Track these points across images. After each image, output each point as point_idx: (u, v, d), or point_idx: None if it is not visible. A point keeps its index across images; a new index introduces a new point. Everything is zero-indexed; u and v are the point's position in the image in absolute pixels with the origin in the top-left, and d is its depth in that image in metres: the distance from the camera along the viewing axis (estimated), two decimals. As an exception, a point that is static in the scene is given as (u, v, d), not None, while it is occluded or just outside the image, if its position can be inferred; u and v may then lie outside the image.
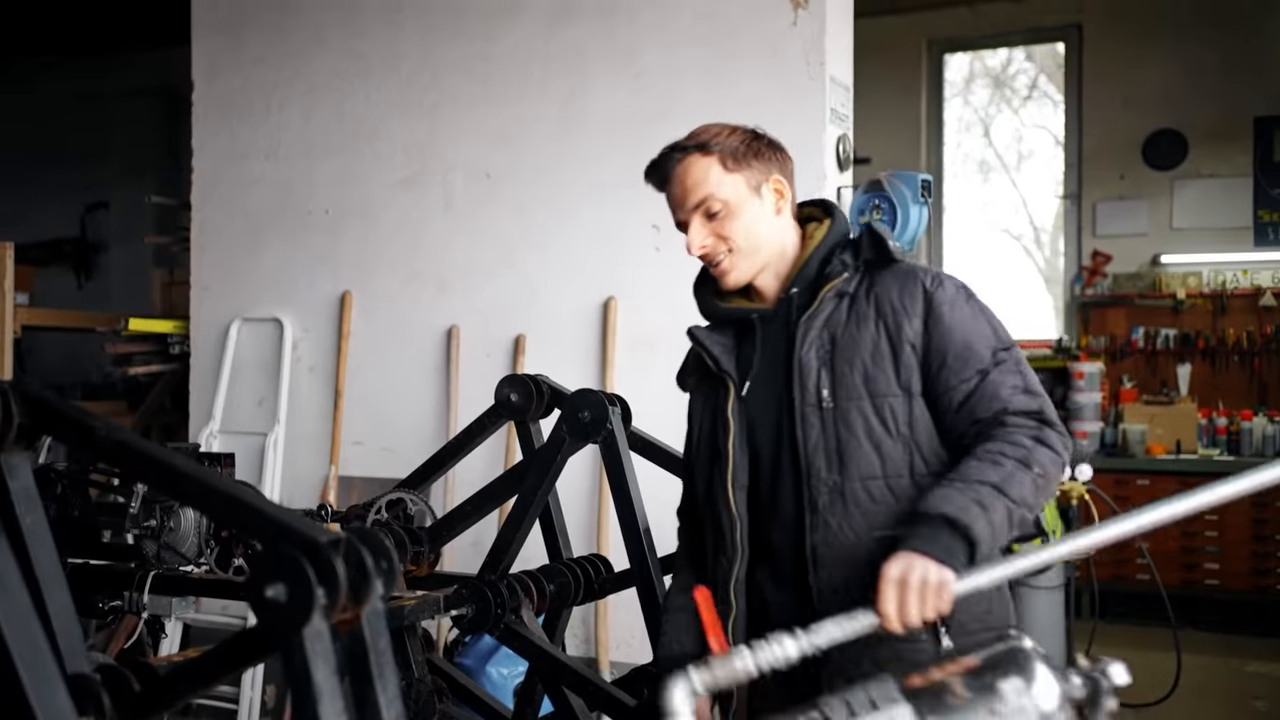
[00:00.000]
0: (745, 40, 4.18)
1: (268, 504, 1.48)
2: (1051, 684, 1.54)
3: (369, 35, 4.90)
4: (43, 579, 1.58)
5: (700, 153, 1.96)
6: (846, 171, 4.18)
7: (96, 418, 1.61)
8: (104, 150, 9.73)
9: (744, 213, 1.95)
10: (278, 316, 4.97)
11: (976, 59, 8.58)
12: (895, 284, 1.92)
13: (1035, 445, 1.80)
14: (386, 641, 1.44)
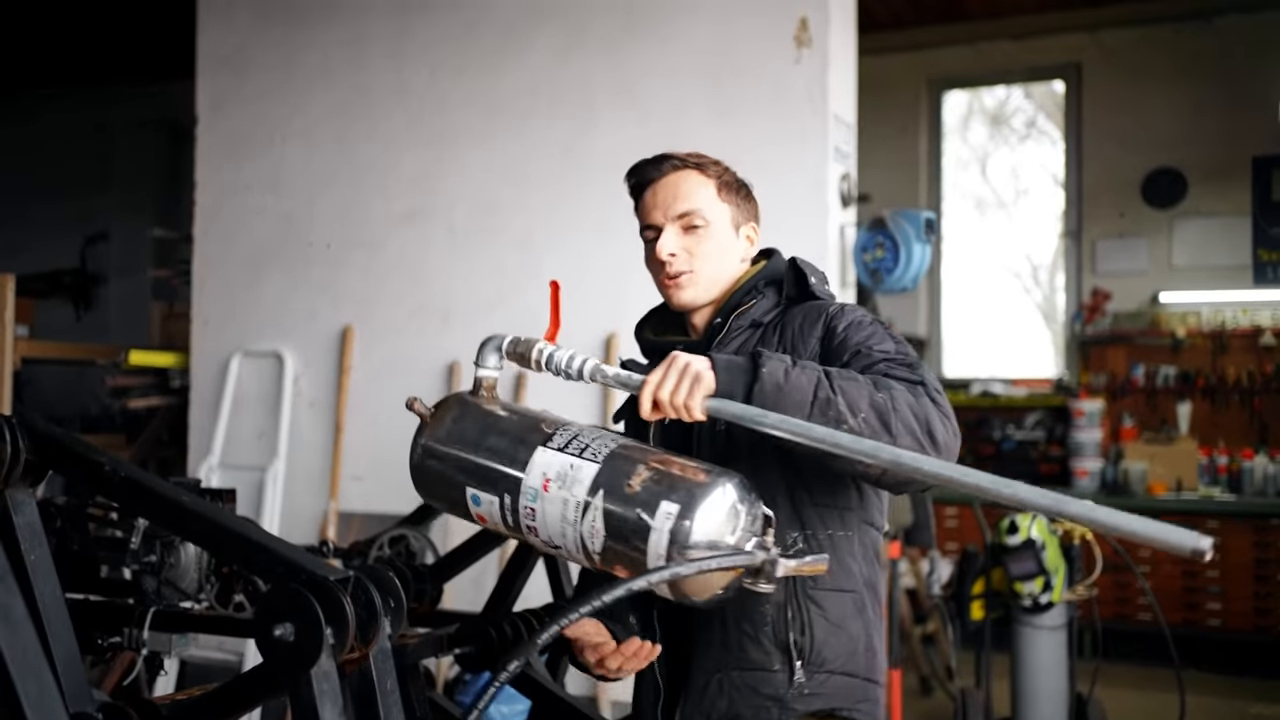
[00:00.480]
0: (749, 77, 4.21)
1: (276, 541, 1.47)
2: (707, 529, 1.55)
3: (374, 69, 4.92)
4: (46, 615, 1.57)
5: (699, 171, 1.98)
6: (849, 208, 4.19)
7: (103, 453, 1.60)
8: (105, 182, 9.76)
9: (719, 239, 1.96)
10: (278, 350, 4.96)
11: (974, 97, 8.64)
12: (801, 315, 1.92)
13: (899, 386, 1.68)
14: (394, 682, 1.43)
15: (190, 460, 5.13)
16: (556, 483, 1.64)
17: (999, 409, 7.71)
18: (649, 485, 1.59)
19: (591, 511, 1.61)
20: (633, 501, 1.58)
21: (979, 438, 7.68)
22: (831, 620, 1.81)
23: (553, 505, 1.64)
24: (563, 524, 1.64)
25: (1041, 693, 4.48)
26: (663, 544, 1.55)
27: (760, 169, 4.16)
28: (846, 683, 1.83)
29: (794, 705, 1.79)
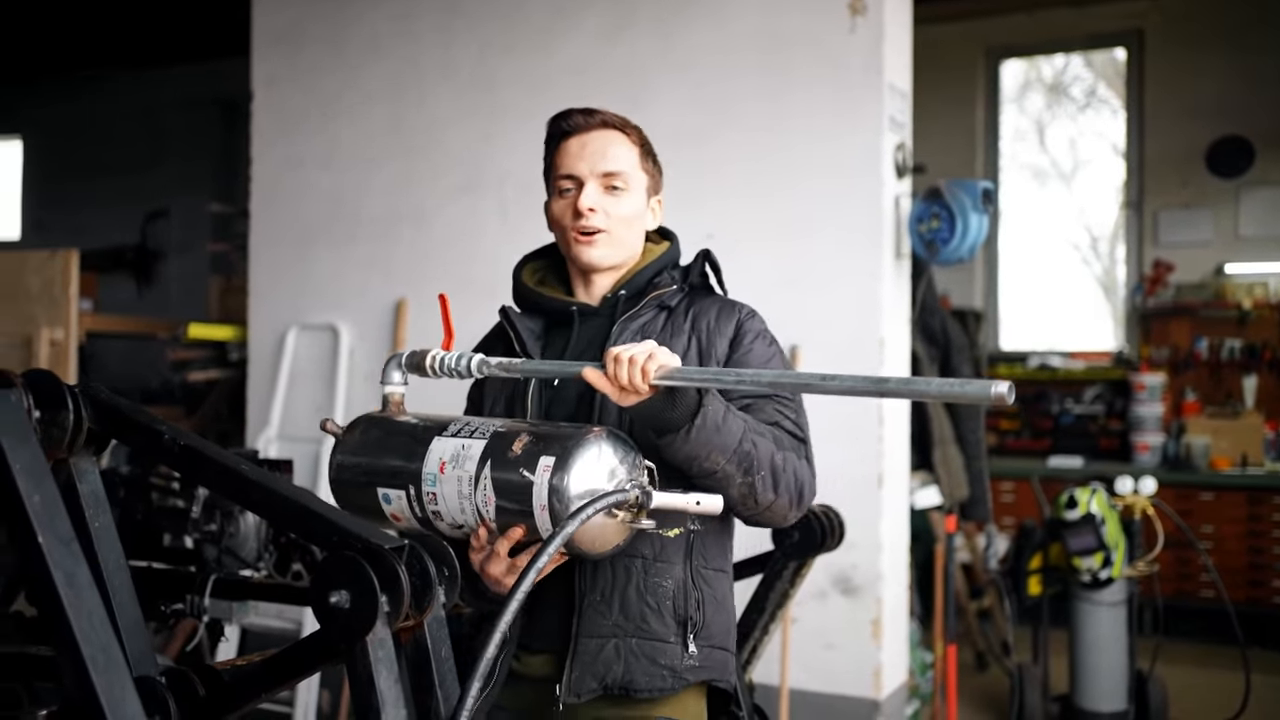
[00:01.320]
0: (802, 49, 4.16)
1: (332, 510, 1.48)
2: (583, 477, 1.67)
3: (424, 45, 4.93)
4: (110, 582, 1.59)
5: (625, 134, 2.02)
6: (904, 179, 4.14)
7: (164, 423, 1.62)
8: (164, 159, 9.89)
9: (634, 204, 2.01)
10: (334, 324, 5.01)
11: (1031, 66, 8.48)
12: (714, 307, 2.01)
13: (788, 452, 1.84)
14: (449, 650, 1.43)
15: (249, 432, 5.20)
16: (451, 464, 1.76)
17: (1057, 382, 7.61)
18: (528, 447, 1.71)
19: (483, 482, 1.72)
20: (515, 463, 1.70)
21: (1037, 412, 7.59)
22: (717, 598, 1.95)
23: (449, 485, 1.75)
24: (460, 499, 1.75)
25: (1100, 670, 4.43)
26: (543, 497, 1.67)
27: (814, 140, 4.16)
28: (724, 656, 1.97)
29: (685, 675, 1.90)
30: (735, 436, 1.75)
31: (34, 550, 1.20)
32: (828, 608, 4.06)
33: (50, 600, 1.19)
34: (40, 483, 1.24)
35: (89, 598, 1.21)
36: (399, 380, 1.96)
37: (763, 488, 1.79)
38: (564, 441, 1.70)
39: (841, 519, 2.59)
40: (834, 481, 4.00)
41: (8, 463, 1.23)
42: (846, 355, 4.04)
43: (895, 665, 4.10)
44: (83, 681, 1.17)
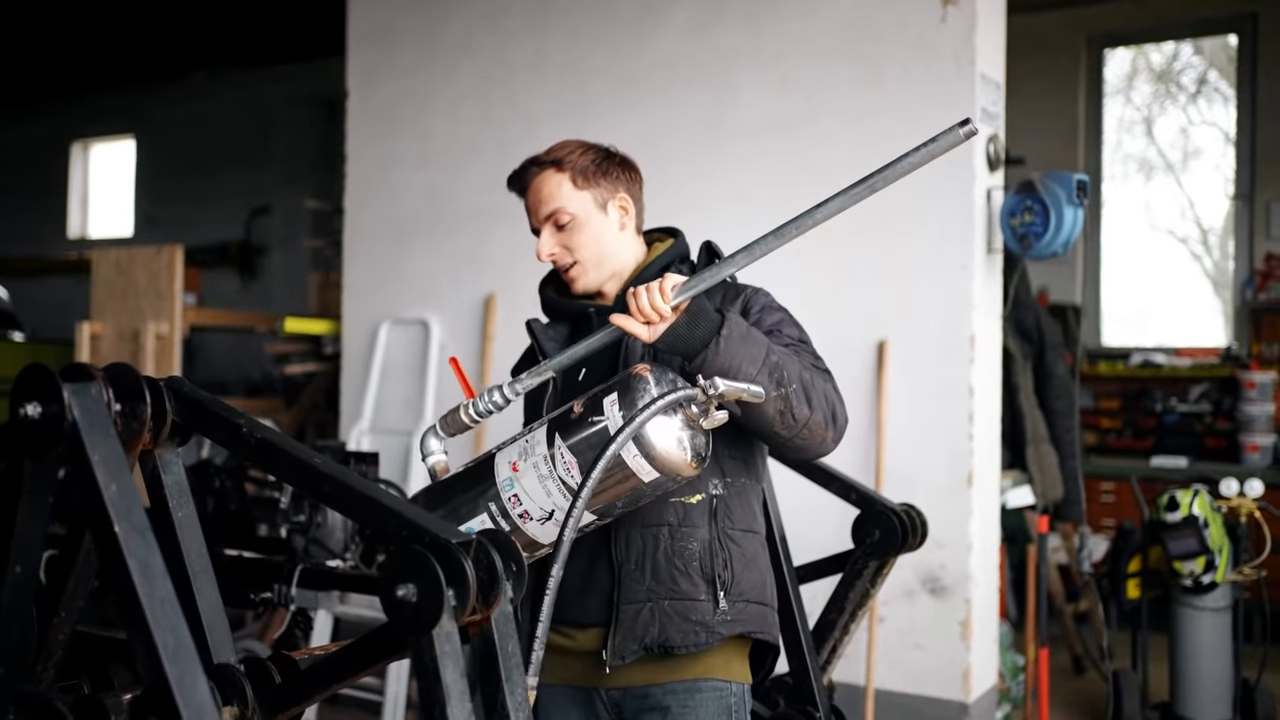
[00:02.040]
0: (893, 40, 4.10)
1: (402, 504, 1.50)
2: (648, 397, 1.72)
3: (515, 42, 4.97)
4: (192, 571, 1.63)
5: (554, 168, 2.12)
6: (997, 172, 4.05)
7: (243, 416, 1.65)
8: (268, 157, 10.14)
9: (590, 227, 2.10)
10: (425, 318, 5.08)
11: (1140, 54, 8.23)
12: (719, 293, 2.09)
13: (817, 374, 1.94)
14: (516, 645, 1.44)
15: (342, 425, 5.30)
16: (521, 459, 1.82)
17: (1161, 380, 7.38)
18: (588, 403, 1.79)
19: (558, 454, 1.78)
20: (582, 419, 1.77)
21: (1139, 410, 7.38)
22: (747, 556, 2.03)
23: (527, 477, 1.81)
24: (543, 483, 1.80)
25: (1203, 677, 4.29)
26: (618, 420, 1.74)
27: (904, 133, 4.08)
28: (760, 610, 2.05)
29: (719, 629, 1.99)
30: (762, 346, 1.85)
31: (110, 539, 1.24)
32: (915, 607, 4.00)
33: (125, 587, 1.23)
34: (117, 473, 1.27)
35: (162, 585, 1.24)
36: (438, 449, 2.04)
37: (797, 401, 1.86)
38: (618, 383, 1.79)
39: (924, 518, 2.54)
40: (922, 480, 3.96)
41: (87, 454, 1.26)
42: (936, 351, 3.98)
43: (985, 667, 4.03)
44: (154, 666, 1.20)
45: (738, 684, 2.07)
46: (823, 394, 1.91)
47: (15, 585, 1.33)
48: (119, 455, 1.29)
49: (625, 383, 1.77)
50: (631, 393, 1.75)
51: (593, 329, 2.12)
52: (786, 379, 1.85)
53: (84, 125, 11.69)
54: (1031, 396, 4.88)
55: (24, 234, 11.79)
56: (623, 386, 1.77)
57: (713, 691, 2.03)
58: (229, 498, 3.30)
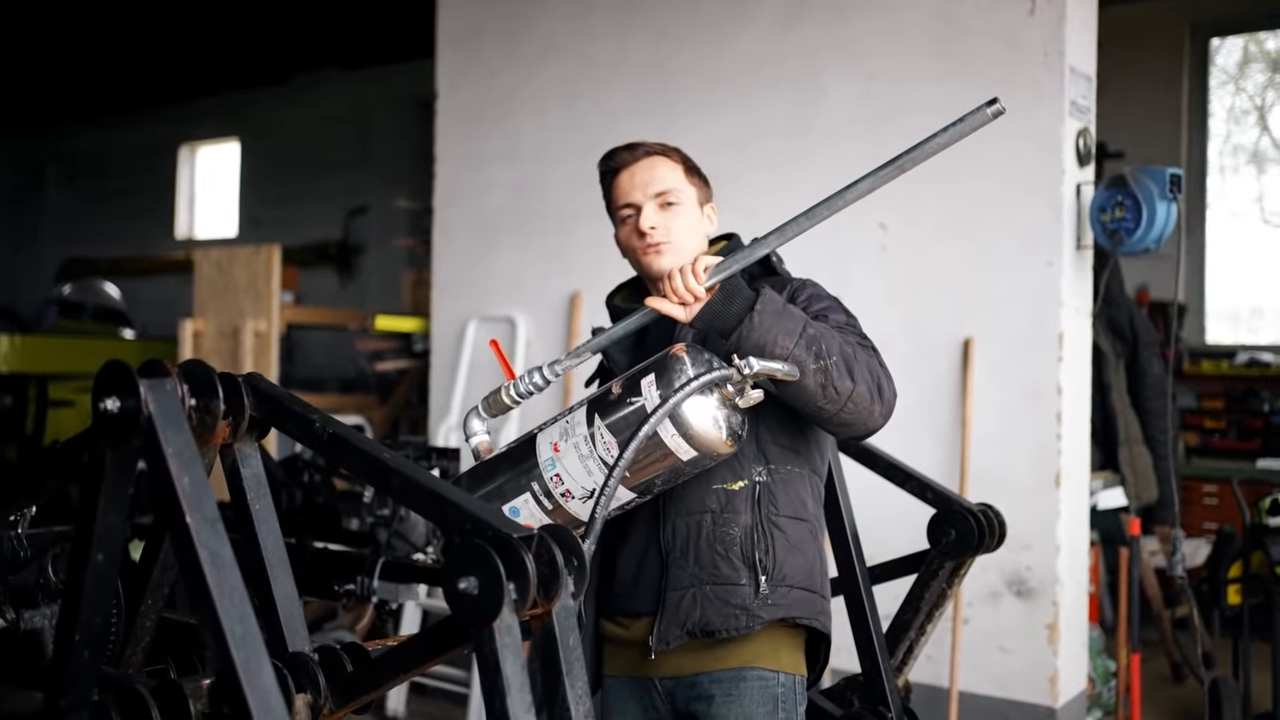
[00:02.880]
0: (979, 34, 4.03)
1: (466, 498, 1.53)
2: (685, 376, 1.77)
3: (600, 39, 5.00)
4: (269, 561, 1.69)
5: (666, 156, 2.20)
6: (1087, 167, 3.96)
7: (317, 412, 1.70)
8: (365, 158, 10.35)
9: (689, 215, 2.17)
10: (511, 315, 5.14)
11: (1252, 41, 7.95)
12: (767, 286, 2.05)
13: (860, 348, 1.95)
14: (577, 639, 1.46)
15: (431, 421, 5.39)
16: (562, 440, 1.87)
17: (1269, 379, 7.14)
18: (626, 384, 1.84)
19: (598, 435, 1.83)
20: (620, 400, 1.83)
21: (1245, 410, 7.15)
22: (791, 542, 2.05)
23: (569, 457, 1.86)
24: (583, 462, 1.84)
25: (1306, 686, 4.14)
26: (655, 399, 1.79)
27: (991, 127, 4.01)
28: (806, 596, 2.06)
29: (759, 613, 2.01)
30: (798, 320, 1.88)
31: (182, 529, 1.29)
32: (1001, 610, 3.94)
33: (195, 576, 1.28)
34: (190, 466, 1.33)
35: (231, 574, 1.29)
36: (481, 429, 2.11)
37: (838, 374, 1.87)
38: (655, 364, 1.84)
39: (1002, 519, 2.51)
40: (1008, 480, 3.90)
41: (161, 447, 1.32)
42: (1023, 348, 3.91)
43: (1073, 672, 3.95)
44: (222, 653, 1.25)
45: (786, 674, 2.08)
46: (865, 366, 1.92)
47: (97, 573, 1.39)
48: (192, 449, 1.34)
49: (662, 363, 1.82)
50: (668, 373, 1.80)
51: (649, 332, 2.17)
52: (825, 350, 1.87)
53: (191, 129, 12.07)
54: (1124, 396, 4.77)
55: (135, 235, 12.22)
56: (659, 367, 1.82)
57: (758, 681, 2.06)
58: (317, 491, 3.39)
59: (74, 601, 1.39)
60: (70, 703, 1.38)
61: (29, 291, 12.21)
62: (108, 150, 12.53)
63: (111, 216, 12.50)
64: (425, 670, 1.88)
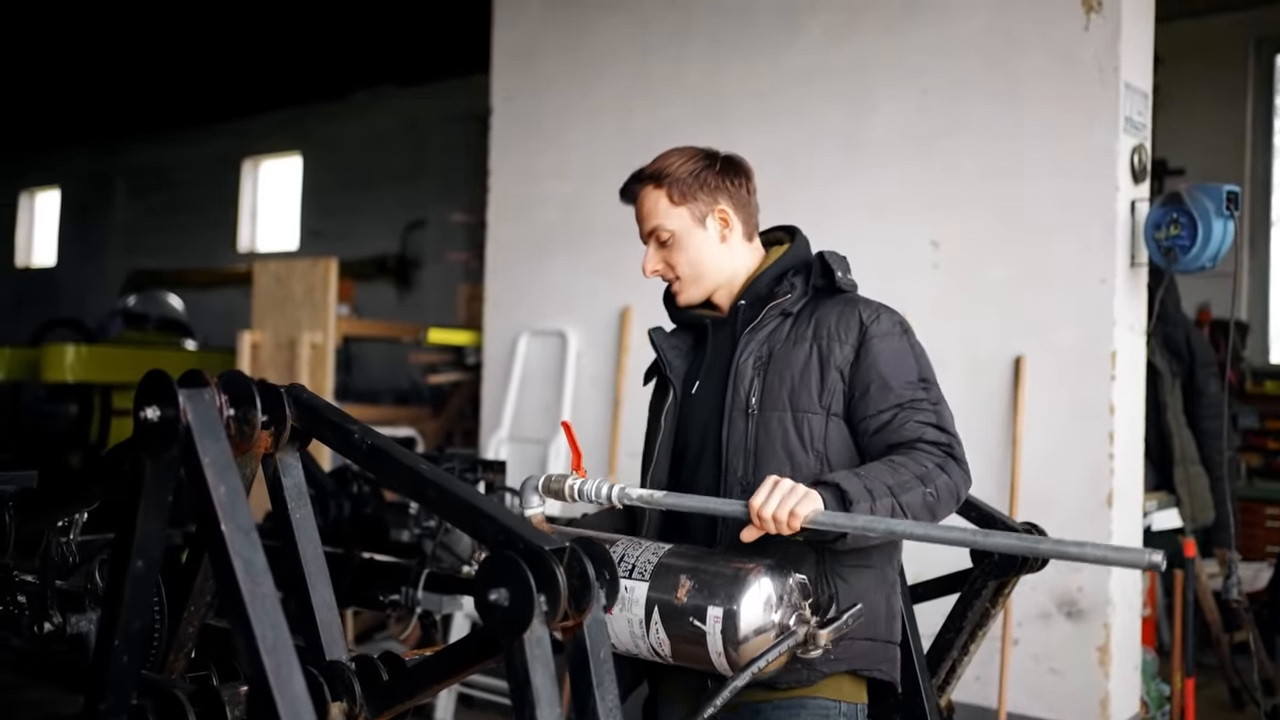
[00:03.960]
0: (1033, 49, 4.00)
1: (500, 510, 1.54)
2: (750, 621, 1.77)
3: (656, 53, 5.02)
4: (307, 569, 1.71)
5: (653, 185, 2.16)
6: (1143, 184, 3.91)
7: (356, 423, 1.73)
8: (424, 172, 10.47)
9: (688, 243, 2.12)
10: (562, 329, 5.17)
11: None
12: (835, 310, 2.07)
13: (935, 469, 1.92)
14: (608, 651, 1.46)
15: (482, 433, 5.43)
16: (617, 606, 1.85)
17: (1335, 401, 6.98)
18: (693, 594, 1.81)
19: (654, 626, 1.84)
20: (684, 612, 1.81)
21: (1310, 431, 6.99)
22: (855, 592, 1.99)
23: (620, 625, 1.87)
24: (633, 639, 1.88)
25: (1368, 715, 4.04)
26: (718, 644, 1.78)
27: (1044, 143, 4.01)
28: (869, 646, 2.02)
29: (820, 667, 1.97)
30: (884, 521, 1.81)
31: (217, 537, 1.31)
32: (1051, 631, 3.88)
33: (229, 584, 1.30)
34: (226, 476, 1.35)
35: (264, 582, 1.31)
36: (538, 503, 2.08)
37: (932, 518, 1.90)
38: (728, 588, 1.80)
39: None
40: (1060, 500, 3.85)
41: (199, 456, 1.34)
42: (1075, 367, 3.86)
43: (1125, 696, 3.87)
44: (253, 659, 1.27)
45: (848, 704, 2.04)
46: (947, 495, 1.92)
47: (136, 579, 1.42)
48: (228, 458, 1.37)
49: (732, 598, 1.78)
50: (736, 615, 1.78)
51: (708, 339, 2.18)
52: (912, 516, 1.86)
53: (254, 143, 12.30)
54: (1180, 415, 4.68)
55: (199, 248, 12.46)
56: (729, 600, 1.78)
57: (819, 709, 2.02)
58: (365, 502, 3.42)
59: (114, 607, 1.42)
60: (109, 706, 1.41)
61: (96, 303, 12.48)
62: (173, 164, 12.79)
63: (177, 229, 12.76)
64: (459, 680, 1.89)
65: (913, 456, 1.94)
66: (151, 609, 1.60)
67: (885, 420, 1.99)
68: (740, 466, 2.05)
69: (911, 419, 1.97)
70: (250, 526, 1.34)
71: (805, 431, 2.02)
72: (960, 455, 1.97)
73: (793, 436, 2.02)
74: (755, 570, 1.80)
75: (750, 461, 2.04)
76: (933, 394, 2.03)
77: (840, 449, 2.03)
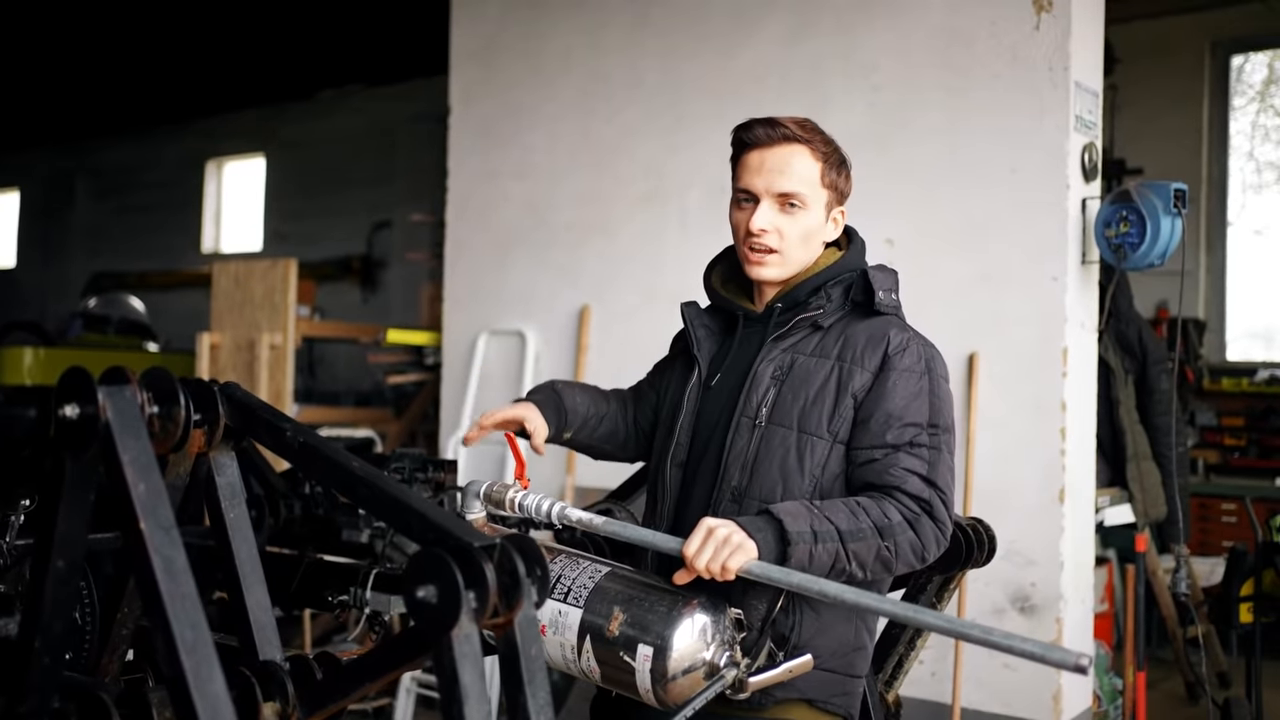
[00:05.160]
0: (984, 49, 4.03)
1: (430, 508, 1.54)
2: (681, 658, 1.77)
3: (613, 56, 5.02)
4: (241, 571, 1.71)
5: (812, 150, 2.00)
6: (1094, 182, 3.94)
7: (289, 421, 1.72)
8: (390, 173, 10.42)
9: (810, 222, 2.01)
10: (521, 329, 5.17)
11: (1277, 58, 7.88)
12: (866, 332, 1.98)
13: (902, 523, 1.85)
14: (540, 649, 1.46)
15: (441, 434, 5.42)
16: (551, 628, 1.89)
17: (1290, 397, 7.07)
18: (624, 629, 1.82)
19: (585, 654, 1.86)
20: (615, 645, 1.82)
21: (1265, 429, 7.07)
22: (822, 623, 1.95)
23: (553, 647, 1.89)
24: (565, 661, 1.89)
25: (1319, 707, 4.09)
26: (647, 682, 1.79)
27: (996, 142, 4.04)
28: (826, 678, 1.96)
29: (774, 692, 1.92)
30: (826, 563, 1.81)
31: (136, 535, 1.30)
32: (1004, 626, 3.90)
33: (148, 582, 1.29)
34: (146, 473, 1.34)
35: (184, 581, 1.30)
36: (479, 509, 2.08)
37: (875, 573, 1.88)
38: (659, 626, 1.80)
39: (991, 533, 2.48)
40: (1013, 496, 3.87)
41: (118, 454, 1.33)
42: (1027, 364, 3.89)
43: (1077, 690, 3.91)
44: (172, 659, 1.26)
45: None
46: (908, 550, 1.86)
47: (58, 579, 1.40)
48: (149, 455, 1.36)
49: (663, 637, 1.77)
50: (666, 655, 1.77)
51: (738, 331, 2.10)
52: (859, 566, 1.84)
53: (218, 144, 12.20)
54: (1133, 412, 4.73)
55: (162, 249, 12.35)
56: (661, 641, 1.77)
57: None
58: (318, 503, 3.40)
59: (34, 608, 1.41)
60: (30, 709, 1.40)
61: (57, 305, 12.36)
62: (136, 165, 12.68)
63: (139, 231, 12.64)
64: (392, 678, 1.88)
65: (881, 505, 1.86)
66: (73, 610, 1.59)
67: (873, 458, 1.92)
68: (736, 475, 2.00)
69: (899, 464, 1.89)
70: (171, 524, 1.33)
71: (806, 455, 1.95)
72: (940, 515, 1.89)
73: (792, 457, 1.96)
74: (689, 608, 1.80)
75: (746, 473, 1.99)
76: (935, 441, 1.93)
77: (834, 477, 1.97)
